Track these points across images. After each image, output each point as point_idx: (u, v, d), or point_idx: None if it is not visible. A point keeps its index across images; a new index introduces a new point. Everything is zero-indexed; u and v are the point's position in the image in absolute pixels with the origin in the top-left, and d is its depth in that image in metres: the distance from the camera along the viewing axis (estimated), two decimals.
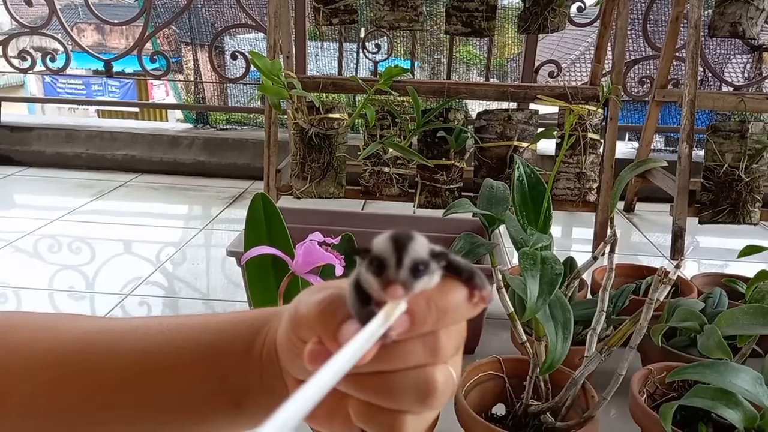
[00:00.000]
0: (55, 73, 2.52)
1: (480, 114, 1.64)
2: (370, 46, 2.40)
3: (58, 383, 0.38)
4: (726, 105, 1.76)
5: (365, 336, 0.27)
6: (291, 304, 0.33)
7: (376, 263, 0.28)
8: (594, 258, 0.85)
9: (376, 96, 1.55)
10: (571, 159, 1.64)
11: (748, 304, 0.90)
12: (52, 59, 2.42)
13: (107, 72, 2.49)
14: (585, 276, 0.96)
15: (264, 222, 0.74)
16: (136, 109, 8.33)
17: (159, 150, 2.47)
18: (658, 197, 2.09)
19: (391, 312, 0.28)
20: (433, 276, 0.29)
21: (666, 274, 0.71)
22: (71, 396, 0.38)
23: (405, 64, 2.52)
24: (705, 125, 1.92)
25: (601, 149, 1.67)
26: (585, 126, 1.61)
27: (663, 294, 0.72)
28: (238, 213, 2.04)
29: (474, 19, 1.64)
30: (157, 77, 2.56)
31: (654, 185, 1.96)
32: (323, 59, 2.62)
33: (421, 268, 0.28)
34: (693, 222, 1.70)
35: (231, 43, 2.68)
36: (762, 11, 1.65)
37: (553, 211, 0.84)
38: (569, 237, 2.04)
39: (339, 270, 0.68)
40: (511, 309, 0.83)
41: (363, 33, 2.55)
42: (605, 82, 1.79)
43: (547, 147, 2.17)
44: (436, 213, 1.61)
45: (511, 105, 1.67)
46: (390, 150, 1.61)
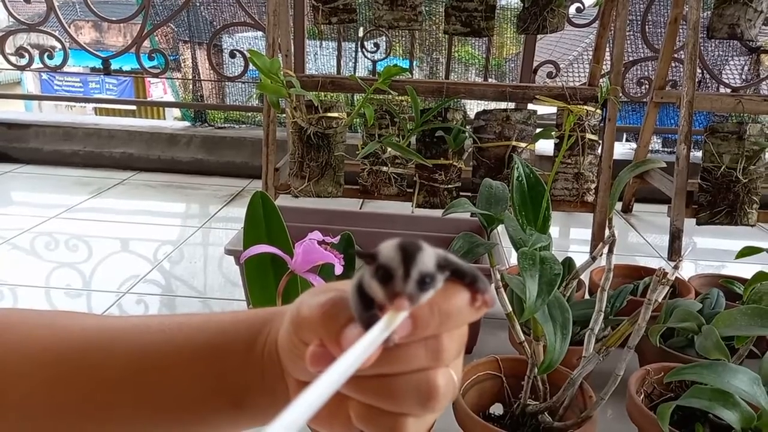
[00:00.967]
0: (53, 71, 2.51)
1: (478, 114, 1.64)
2: (368, 45, 2.39)
3: (56, 381, 0.38)
4: (724, 106, 1.76)
5: (369, 340, 0.27)
6: (293, 305, 0.33)
7: (382, 272, 0.28)
8: (593, 258, 0.85)
9: (374, 95, 1.55)
10: (569, 159, 1.64)
11: (745, 305, 0.91)
12: (50, 56, 2.42)
13: (105, 70, 2.48)
14: (583, 276, 0.96)
15: (263, 220, 0.74)
16: (133, 107, 8.31)
17: (157, 148, 2.47)
18: (655, 198, 2.09)
19: (395, 317, 0.28)
20: (437, 285, 0.29)
21: (665, 274, 0.71)
22: (70, 394, 0.38)
23: (403, 63, 2.52)
24: (703, 126, 1.93)
25: (599, 150, 1.67)
26: (583, 126, 1.61)
27: (661, 295, 0.72)
28: (235, 211, 2.04)
29: (473, 19, 1.64)
30: (156, 75, 2.55)
31: (652, 186, 1.96)
32: (322, 58, 2.61)
33: (428, 280, 0.28)
34: (690, 223, 1.71)
35: (229, 42, 2.68)
36: (760, 13, 1.65)
37: (551, 212, 0.84)
38: (567, 237, 2.04)
39: (338, 269, 0.68)
40: (510, 309, 0.83)
41: (361, 32, 2.54)
42: (604, 82, 1.79)
43: (545, 147, 2.17)
44: (434, 212, 1.61)
45: (510, 105, 1.67)
46: (388, 149, 1.61)
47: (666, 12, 2.33)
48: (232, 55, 2.42)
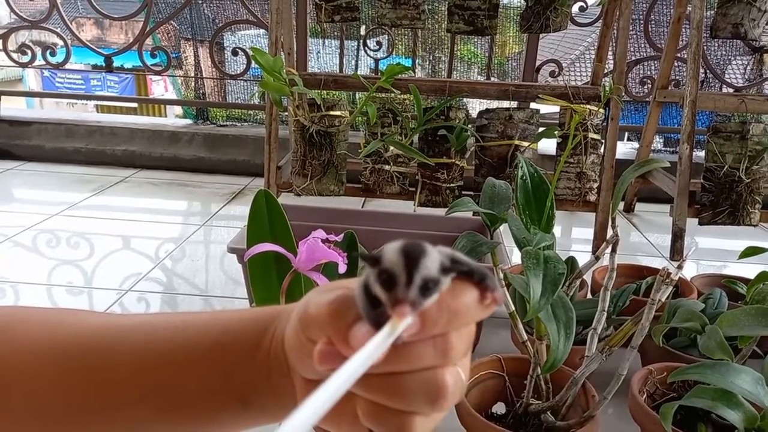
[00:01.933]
0: (56, 68, 2.51)
1: (481, 113, 1.64)
2: (371, 43, 2.39)
3: (62, 379, 0.38)
4: (727, 106, 1.76)
5: (379, 340, 0.27)
6: (300, 303, 0.33)
7: (384, 277, 0.28)
8: (596, 258, 0.85)
9: (377, 94, 1.55)
10: (572, 159, 1.64)
11: (749, 305, 0.90)
12: (52, 53, 2.42)
13: (107, 67, 2.48)
14: (585, 276, 0.96)
15: (267, 219, 0.74)
16: (134, 105, 8.30)
17: (159, 145, 2.47)
18: (657, 198, 2.09)
19: (399, 322, 0.28)
20: (444, 282, 0.29)
21: (668, 274, 0.71)
22: (76, 392, 0.38)
23: (406, 62, 2.52)
24: (705, 126, 1.93)
25: (602, 149, 1.67)
26: (586, 126, 1.61)
27: (665, 294, 0.72)
28: (237, 210, 2.04)
29: (476, 18, 1.64)
30: (158, 73, 2.55)
31: (654, 186, 1.96)
32: (324, 56, 2.61)
33: (431, 286, 0.28)
34: (692, 223, 1.71)
35: (231, 39, 2.68)
36: (764, 12, 1.65)
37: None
38: (569, 237, 2.04)
39: (342, 268, 0.68)
40: (513, 308, 0.83)
41: (363, 30, 2.54)
42: (607, 82, 1.79)
43: (547, 147, 2.17)
44: (436, 211, 1.61)
45: (512, 104, 1.67)
46: (391, 148, 1.61)
47: (669, 11, 2.33)
48: (234, 53, 2.42)
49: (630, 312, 0.88)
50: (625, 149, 2.55)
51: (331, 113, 1.55)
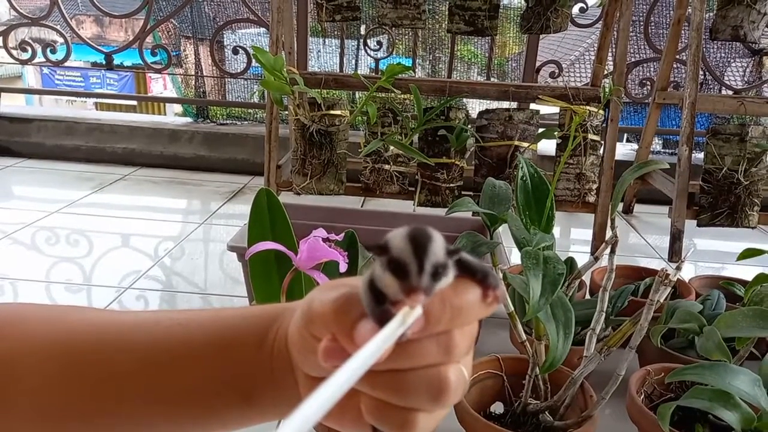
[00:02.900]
0: (56, 65, 2.51)
1: (481, 113, 1.64)
2: (371, 43, 2.39)
3: (65, 375, 0.38)
4: (726, 108, 1.77)
5: (385, 335, 0.27)
6: (304, 300, 0.33)
7: (394, 265, 0.28)
8: (595, 258, 0.85)
9: (377, 93, 1.55)
10: (571, 160, 1.64)
11: (747, 306, 0.91)
12: (52, 51, 2.42)
13: (108, 64, 2.48)
14: (584, 277, 0.96)
15: (268, 217, 0.74)
16: (134, 102, 8.29)
17: (159, 144, 2.47)
18: (656, 199, 2.10)
19: (409, 313, 0.28)
20: (449, 275, 0.29)
21: (667, 276, 0.71)
22: (79, 388, 0.38)
23: (406, 61, 2.52)
24: (704, 128, 1.93)
25: (602, 150, 1.67)
26: (585, 127, 1.61)
27: (664, 295, 0.72)
28: (237, 208, 2.04)
29: (477, 18, 1.64)
30: (158, 71, 2.55)
31: (653, 187, 1.97)
32: (324, 56, 2.62)
33: (441, 270, 0.28)
34: (691, 224, 1.71)
35: (232, 38, 2.68)
36: (764, 15, 1.65)
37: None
38: (567, 237, 2.04)
39: (342, 267, 0.68)
40: (512, 308, 0.84)
41: (364, 30, 2.54)
42: (607, 83, 1.79)
43: (547, 147, 2.17)
44: (435, 211, 1.61)
45: (512, 105, 1.67)
46: (391, 147, 1.61)
47: (669, 13, 2.33)
48: (234, 52, 2.42)
49: (628, 313, 0.88)
50: (625, 150, 2.55)
51: (332, 112, 1.56)
